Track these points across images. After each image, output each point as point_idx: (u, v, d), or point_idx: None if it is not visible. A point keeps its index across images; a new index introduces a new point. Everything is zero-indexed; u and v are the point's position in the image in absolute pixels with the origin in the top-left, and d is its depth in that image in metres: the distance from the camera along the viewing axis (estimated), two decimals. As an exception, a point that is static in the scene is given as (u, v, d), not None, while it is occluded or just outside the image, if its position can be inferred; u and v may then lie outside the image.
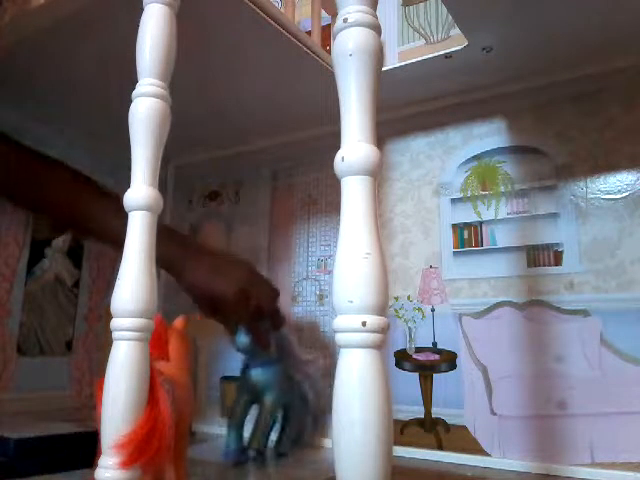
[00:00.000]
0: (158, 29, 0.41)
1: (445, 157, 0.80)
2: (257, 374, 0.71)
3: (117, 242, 0.40)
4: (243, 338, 0.69)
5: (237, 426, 0.70)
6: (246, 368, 0.72)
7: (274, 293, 0.75)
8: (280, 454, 0.73)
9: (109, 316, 0.38)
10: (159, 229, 0.40)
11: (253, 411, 0.72)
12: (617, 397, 0.63)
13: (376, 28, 0.32)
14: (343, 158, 0.30)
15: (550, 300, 0.68)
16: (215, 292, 0.70)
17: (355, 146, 0.30)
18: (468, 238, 0.76)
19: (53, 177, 0.74)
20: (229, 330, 0.73)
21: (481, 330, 0.72)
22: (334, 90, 0.32)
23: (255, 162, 0.99)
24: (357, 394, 0.28)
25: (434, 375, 0.74)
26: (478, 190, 0.76)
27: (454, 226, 0.77)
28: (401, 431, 0.74)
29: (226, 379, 0.92)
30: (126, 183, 0.40)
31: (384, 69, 0.69)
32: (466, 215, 0.76)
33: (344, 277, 0.29)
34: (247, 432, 0.70)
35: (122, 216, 0.39)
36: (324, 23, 0.82)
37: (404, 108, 0.82)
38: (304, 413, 0.75)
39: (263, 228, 0.95)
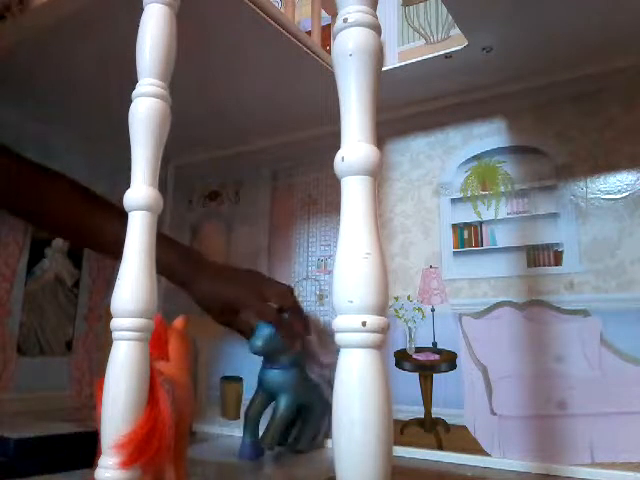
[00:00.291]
0: (158, 29, 0.41)
1: (445, 157, 0.80)
2: (273, 375, 0.72)
3: (116, 253, 0.40)
4: (258, 341, 0.70)
5: (253, 423, 0.72)
6: (263, 368, 0.73)
7: (288, 289, 0.77)
8: (298, 452, 0.74)
9: (109, 316, 0.38)
10: (166, 242, 0.40)
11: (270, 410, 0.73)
12: (617, 397, 0.63)
13: (376, 28, 0.32)
14: (343, 158, 0.30)
15: (550, 300, 0.68)
16: (229, 297, 0.74)
17: (355, 146, 0.30)
18: (468, 238, 0.76)
19: (53, 190, 0.74)
20: (245, 334, 0.75)
21: (481, 330, 0.72)
22: (334, 90, 0.32)
23: (255, 162, 0.99)
24: (357, 394, 0.28)
25: (434, 375, 0.74)
26: (478, 190, 0.76)
27: (454, 226, 0.77)
28: (401, 431, 0.74)
29: (226, 379, 0.92)
30: (124, 185, 0.40)
31: (384, 69, 0.69)
32: (466, 215, 0.76)
33: (344, 277, 0.29)
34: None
35: (121, 227, 0.39)
36: (324, 23, 0.82)
37: (404, 108, 0.82)
38: (322, 413, 0.76)
39: (263, 228, 0.95)
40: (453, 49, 0.67)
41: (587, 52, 0.67)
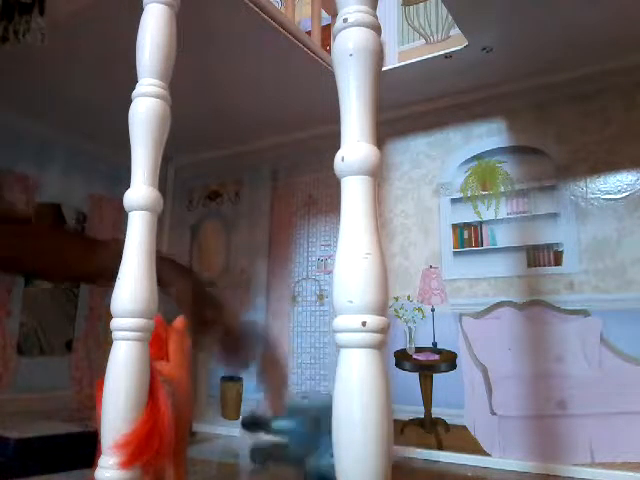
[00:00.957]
0: (158, 29, 0.41)
1: (445, 157, 0.80)
2: (278, 425, 0.64)
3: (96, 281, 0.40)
4: None
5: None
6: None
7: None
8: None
9: (109, 316, 0.38)
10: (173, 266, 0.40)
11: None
12: (617, 397, 0.62)
13: (376, 28, 0.32)
14: (343, 158, 0.30)
15: (550, 300, 0.68)
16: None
17: (355, 146, 0.30)
18: (468, 238, 0.76)
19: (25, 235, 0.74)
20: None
21: (481, 330, 0.72)
22: (334, 90, 0.32)
23: (255, 162, 0.99)
24: (357, 394, 0.28)
25: (434, 375, 0.74)
26: (478, 190, 0.76)
27: (454, 226, 0.77)
28: (401, 431, 0.74)
29: (226, 379, 0.92)
30: (124, 185, 0.39)
31: (384, 69, 0.69)
32: (466, 215, 0.76)
33: (344, 277, 0.29)
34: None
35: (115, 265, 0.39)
36: (324, 23, 0.82)
37: (404, 108, 0.82)
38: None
39: (263, 228, 0.95)
40: (453, 49, 0.67)
41: (587, 52, 0.67)
